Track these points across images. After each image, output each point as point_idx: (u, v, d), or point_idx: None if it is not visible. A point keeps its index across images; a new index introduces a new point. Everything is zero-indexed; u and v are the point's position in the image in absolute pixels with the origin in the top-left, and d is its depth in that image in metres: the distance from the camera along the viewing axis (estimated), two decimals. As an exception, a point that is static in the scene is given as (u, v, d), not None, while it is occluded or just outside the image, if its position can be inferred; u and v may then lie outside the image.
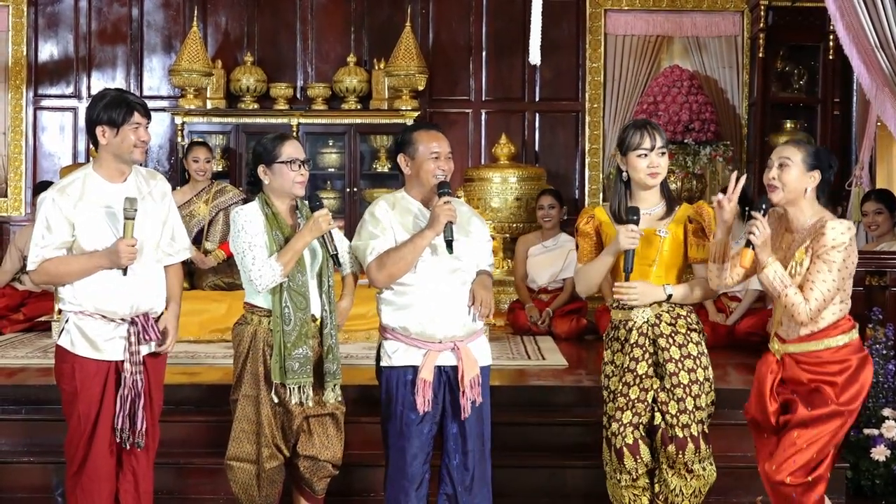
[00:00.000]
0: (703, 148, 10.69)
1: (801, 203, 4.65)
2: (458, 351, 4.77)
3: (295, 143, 4.96)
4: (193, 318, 7.84)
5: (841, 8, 6.81)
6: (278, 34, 11.79)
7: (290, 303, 4.81)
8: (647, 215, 4.82)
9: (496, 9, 11.72)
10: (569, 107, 11.83)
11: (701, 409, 4.77)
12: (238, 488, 5.01)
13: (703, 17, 11.60)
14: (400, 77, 11.06)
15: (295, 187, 4.90)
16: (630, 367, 4.82)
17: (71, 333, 4.70)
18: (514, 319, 8.98)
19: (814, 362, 4.65)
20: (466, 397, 4.77)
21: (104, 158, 4.73)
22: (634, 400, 4.81)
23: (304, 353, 4.83)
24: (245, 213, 4.88)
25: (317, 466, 5.00)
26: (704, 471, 4.80)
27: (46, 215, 4.63)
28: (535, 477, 6.01)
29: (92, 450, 4.73)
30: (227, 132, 11.34)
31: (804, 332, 4.64)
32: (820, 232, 4.53)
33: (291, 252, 4.78)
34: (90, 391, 4.69)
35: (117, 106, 4.65)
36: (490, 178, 10.46)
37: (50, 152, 11.83)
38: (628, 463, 4.82)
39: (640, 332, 4.81)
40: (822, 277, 4.50)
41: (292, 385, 4.83)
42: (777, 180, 4.62)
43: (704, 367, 4.80)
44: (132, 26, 11.78)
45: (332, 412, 4.99)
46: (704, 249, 4.76)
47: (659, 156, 4.78)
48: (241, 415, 4.94)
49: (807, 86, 11.24)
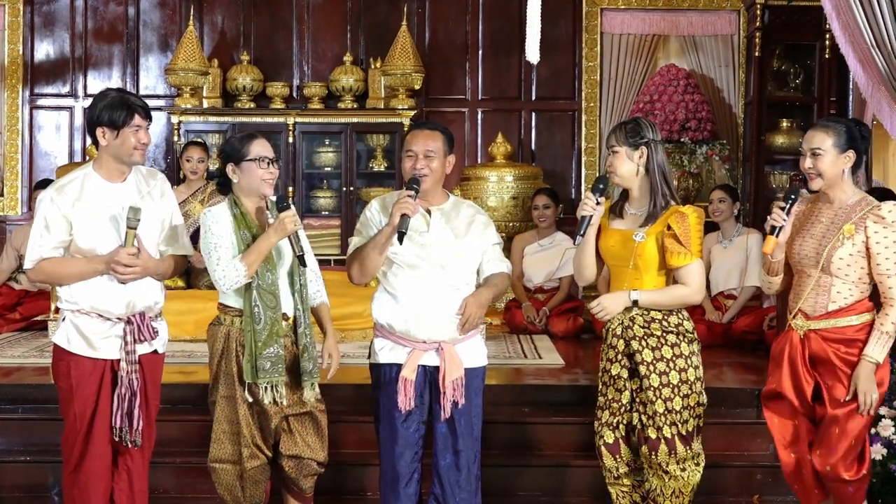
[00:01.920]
0: (700, 147, 10.68)
1: (841, 184, 4.68)
2: (442, 352, 4.76)
3: (263, 141, 4.95)
4: (189, 318, 7.86)
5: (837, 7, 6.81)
6: (275, 33, 11.78)
7: (259, 302, 4.80)
8: (633, 215, 4.85)
9: (493, 8, 11.71)
10: (565, 106, 11.82)
11: (674, 411, 4.74)
12: (223, 490, 5.02)
13: (700, 16, 11.60)
14: (396, 76, 11.05)
15: (263, 185, 4.89)
16: (606, 368, 4.88)
17: (67, 331, 4.69)
18: (510, 318, 8.99)
19: (840, 339, 4.67)
20: (446, 398, 4.75)
21: (104, 159, 4.72)
22: (611, 400, 4.87)
23: (276, 351, 4.82)
24: (213, 214, 4.88)
25: (301, 465, 4.99)
26: (683, 472, 4.78)
27: (45, 214, 4.62)
28: (532, 476, 6.01)
29: (88, 448, 4.72)
30: (224, 131, 11.32)
31: (833, 307, 4.67)
32: (877, 213, 4.57)
33: (256, 252, 4.77)
34: (86, 389, 4.69)
35: (118, 107, 4.63)
36: (486, 177, 10.46)
37: (46, 151, 11.80)
38: (608, 462, 4.87)
39: (614, 334, 4.84)
40: (893, 261, 4.57)
41: (263, 384, 4.83)
42: (813, 169, 4.64)
43: (681, 369, 4.76)
44: (128, 25, 11.76)
45: (309, 411, 4.98)
46: (681, 257, 4.73)
47: (610, 154, 4.83)
48: (221, 416, 4.95)
49: (803, 85, 11.23)
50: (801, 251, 4.72)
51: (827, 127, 4.69)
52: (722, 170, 11.10)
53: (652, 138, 4.81)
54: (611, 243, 4.83)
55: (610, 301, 4.77)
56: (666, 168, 4.86)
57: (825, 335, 4.69)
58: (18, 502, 5.96)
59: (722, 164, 10.99)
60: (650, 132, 4.82)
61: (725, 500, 5.99)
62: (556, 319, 8.77)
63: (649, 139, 4.80)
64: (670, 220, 4.75)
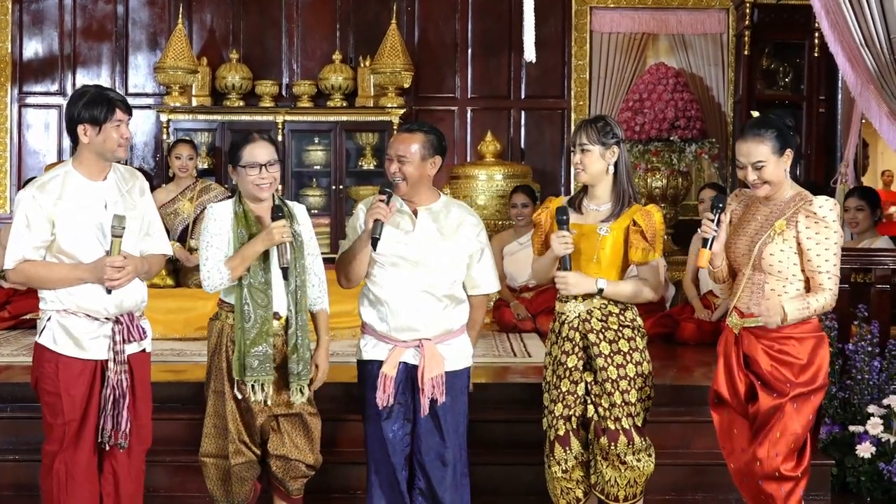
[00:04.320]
0: (689, 145, 10.69)
1: (784, 183, 4.65)
2: (422, 348, 4.77)
3: (259, 145, 4.89)
4: (179, 316, 7.84)
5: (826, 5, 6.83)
6: (264, 31, 11.78)
7: (249, 300, 4.79)
8: (594, 211, 4.87)
9: (482, 6, 11.73)
10: (555, 104, 11.85)
11: (630, 403, 4.79)
12: (212, 485, 5.02)
13: (689, 14, 11.63)
14: (386, 74, 11.06)
15: (255, 190, 4.87)
16: (561, 361, 4.89)
17: (53, 331, 4.60)
18: (499, 317, 8.96)
19: (773, 337, 4.60)
20: (425, 395, 4.76)
21: (85, 157, 4.64)
22: (565, 392, 4.87)
23: (264, 350, 4.81)
24: (214, 211, 4.89)
25: (289, 466, 4.99)
26: (639, 462, 4.81)
27: (27, 212, 4.56)
28: (520, 474, 6.01)
29: (77, 452, 4.63)
30: (213, 129, 11.33)
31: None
32: (807, 209, 4.51)
33: (240, 258, 4.77)
34: (75, 391, 4.60)
35: (98, 104, 4.57)
36: (476, 176, 10.46)
37: (35, 150, 11.79)
38: (558, 454, 4.88)
39: (571, 326, 4.85)
40: (831, 262, 4.50)
41: (251, 382, 4.82)
42: (758, 180, 4.60)
43: (636, 363, 4.81)
44: (117, 23, 11.75)
45: (298, 412, 4.98)
46: (646, 252, 4.76)
47: (580, 152, 4.83)
48: (212, 410, 4.97)
49: (792, 83, 11.28)
50: (735, 249, 4.68)
51: (760, 136, 4.57)
52: (711, 168, 11.13)
53: (621, 137, 4.87)
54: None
55: (575, 279, 4.75)
56: (630, 166, 4.94)
57: (757, 333, 4.62)
58: (7, 501, 5.94)
59: (711, 163, 11.02)
60: (619, 130, 4.88)
61: (716, 499, 6.00)
62: (545, 317, 8.75)
63: (619, 138, 4.85)
64: (636, 216, 4.79)
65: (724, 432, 4.84)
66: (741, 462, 4.73)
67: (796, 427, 4.61)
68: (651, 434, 4.95)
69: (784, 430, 4.60)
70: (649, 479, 4.91)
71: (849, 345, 6.27)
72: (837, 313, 6.20)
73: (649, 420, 4.95)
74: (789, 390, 4.58)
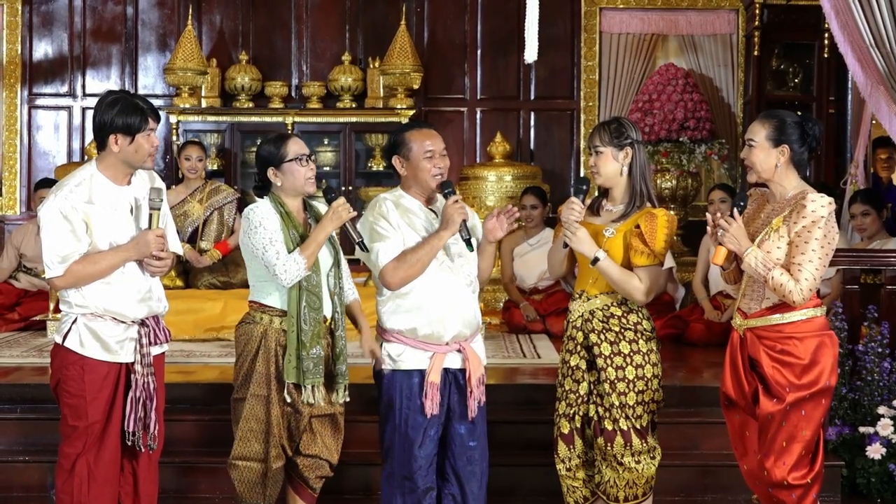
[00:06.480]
0: (699, 146, 10.68)
1: (776, 178, 4.58)
2: (465, 351, 4.77)
3: (297, 139, 4.96)
4: (189, 317, 7.85)
5: (836, 6, 6.82)
6: (273, 33, 11.79)
7: (306, 303, 4.80)
8: (609, 212, 4.86)
9: (491, 7, 11.72)
10: (564, 105, 11.84)
11: (627, 406, 4.75)
12: (243, 487, 4.95)
13: (698, 15, 11.62)
14: (395, 75, 11.06)
15: (307, 184, 4.91)
16: (565, 359, 4.91)
17: (80, 334, 4.56)
18: (509, 318, 8.96)
19: (775, 337, 4.55)
20: (473, 397, 4.78)
21: (111, 162, 4.62)
22: (568, 391, 4.88)
23: (318, 353, 4.82)
24: (260, 211, 4.83)
25: (316, 465, 5.00)
26: (638, 464, 4.78)
27: (70, 221, 4.48)
28: (530, 476, 6.01)
29: (101, 454, 4.62)
30: (223, 131, 11.34)
31: (767, 304, 4.57)
32: (800, 204, 4.45)
33: (314, 244, 4.76)
34: (101, 394, 4.58)
35: (132, 113, 4.55)
36: (485, 177, 10.47)
37: (45, 151, 11.81)
38: (561, 451, 4.89)
39: (574, 326, 4.86)
40: (807, 258, 4.42)
41: (309, 385, 4.82)
42: (746, 160, 4.59)
43: (637, 365, 4.76)
44: (127, 25, 11.77)
45: (333, 413, 4.99)
46: (643, 256, 4.72)
47: (594, 154, 4.81)
48: (250, 414, 4.88)
49: (802, 84, 11.25)
50: (748, 265, 4.64)
51: (764, 119, 4.58)
52: (721, 169, 11.11)
53: (636, 139, 4.80)
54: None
55: (582, 234, 4.71)
56: (647, 169, 4.87)
57: (759, 333, 4.58)
58: (17, 502, 5.95)
59: (721, 164, 11.00)
60: (634, 132, 4.81)
61: (725, 500, 5.99)
62: (555, 319, 8.75)
63: (633, 139, 4.79)
64: (640, 219, 4.75)
65: (737, 434, 4.81)
66: (753, 464, 4.72)
67: (806, 433, 4.57)
68: (660, 435, 4.94)
69: (791, 438, 4.57)
70: (657, 480, 4.90)
71: (859, 346, 6.25)
72: (847, 314, 6.19)
73: (658, 422, 4.94)
74: (787, 395, 4.53)
